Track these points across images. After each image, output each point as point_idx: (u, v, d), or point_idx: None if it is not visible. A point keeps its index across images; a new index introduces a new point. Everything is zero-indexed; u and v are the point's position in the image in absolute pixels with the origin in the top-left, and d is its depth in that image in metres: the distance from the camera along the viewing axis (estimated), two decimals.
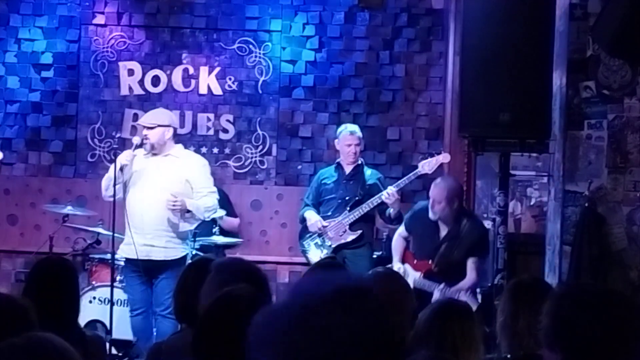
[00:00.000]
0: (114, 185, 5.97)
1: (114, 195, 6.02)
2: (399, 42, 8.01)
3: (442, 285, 5.96)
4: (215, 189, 6.44)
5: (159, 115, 6.32)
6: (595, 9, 5.51)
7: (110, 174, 6.13)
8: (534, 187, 7.77)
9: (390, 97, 8.01)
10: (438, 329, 3.11)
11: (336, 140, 7.16)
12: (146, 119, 6.31)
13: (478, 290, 6.56)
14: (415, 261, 6.35)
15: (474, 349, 3.15)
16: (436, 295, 5.91)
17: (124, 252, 6.17)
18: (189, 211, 6.08)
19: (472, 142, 5.87)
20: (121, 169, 5.99)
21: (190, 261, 5.68)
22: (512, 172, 6.39)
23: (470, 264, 6.08)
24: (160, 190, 6.06)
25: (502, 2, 5.68)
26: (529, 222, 7.77)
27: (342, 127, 7.19)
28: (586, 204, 5.53)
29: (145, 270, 6.09)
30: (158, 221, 6.08)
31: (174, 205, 5.98)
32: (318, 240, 6.93)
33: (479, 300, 6.20)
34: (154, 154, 6.17)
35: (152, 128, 6.17)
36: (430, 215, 6.15)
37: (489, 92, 5.54)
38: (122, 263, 6.34)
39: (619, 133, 5.48)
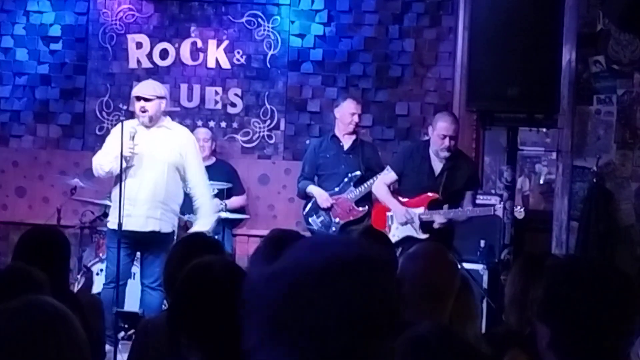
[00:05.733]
0: (121, 158, 5.92)
1: (121, 169, 5.95)
2: (409, 17, 7.96)
3: (445, 207, 5.99)
4: (203, 164, 6.41)
5: (156, 87, 6.18)
6: None
7: (108, 150, 6.07)
8: (543, 163, 7.74)
9: (399, 72, 7.97)
10: None
11: (336, 109, 7.07)
12: (146, 90, 6.11)
13: (484, 265, 6.55)
14: (407, 200, 6.25)
15: (471, 318, 3.13)
16: (438, 220, 5.97)
17: (114, 223, 6.03)
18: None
19: (480, 116, 5.84)
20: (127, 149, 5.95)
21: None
22: (521, 147, 6.38)
23: (469, 196, 6.14)
24: (158, 162, 6.04)
25: None
26: (537, 198, 7.75)
27: (346, 95, 7.20)
28: (594, 180, 5.50)
29: (135, 242, 6.06)
30: (155, 193, 6.03)
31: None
32: (324, 218, 6.89)
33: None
34: (147, 127, 6.06)
35: (150, 100, 6.04)
36: (444, 154, 6.03)
37: (498, 66, 5.50)
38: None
39: (629, 108, 5.44)
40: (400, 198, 6.29)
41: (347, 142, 6.97)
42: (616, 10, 5.31)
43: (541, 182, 7.90)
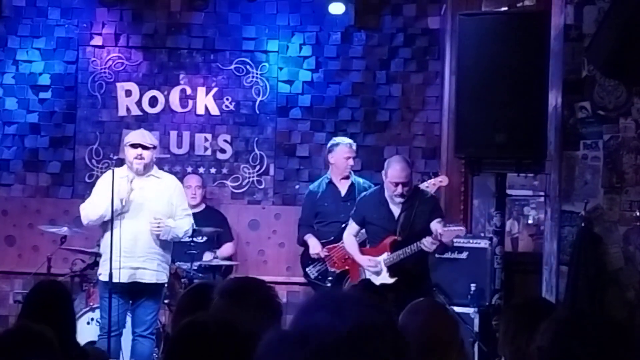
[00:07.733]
0: (112, 207, 5.96)
1: (112, 217, 5.99)
2: (396, 62, 8.04)
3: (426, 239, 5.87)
4: (189, 209, 6.46)
5: (151, 136, 6.28)
6: (590, 30, 5.50)
7: (96, 201, 6.13)
8: (531, 205, 7.78)
9: (387, 116, 8.04)
10: None
11: (330, 154, 7.14)
12: (144, 138, 6.16)
13: (475, 309, 6.56)
14: (370, 248, 6.27)
15: None
16: (426, 244, 5.84)
17: (106, 276, 6.04)
18: None
19: (468, 163, 5.87)
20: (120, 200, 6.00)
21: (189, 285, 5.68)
22: (509, 191, 6.40)
23: (435, 224, 5.95)
24: (150, 213, 6.08)
25: (497, 22, 5.70)
26: (526, 240, 7.77)
27: (337, 139, 7.22)
28: (582, 224, 5.51)
29: (128, 292, 6.09)
30: (151, 244, 6.09)
31: (158, 228, 6.01)
32: (321, 267, 6.91)
33: None
34: (140, 175, 6.12)
35: (148, 148, 6.11)
36: (398, 200, 6.05)
37: (485, 112, 5.55)
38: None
39: (615, 153, 5.47)
40: (365, 248, 6.32)
41: (343, 187, 7.04)
42: (600, 58, 5.37)
43: (529, 222, 7.94)
